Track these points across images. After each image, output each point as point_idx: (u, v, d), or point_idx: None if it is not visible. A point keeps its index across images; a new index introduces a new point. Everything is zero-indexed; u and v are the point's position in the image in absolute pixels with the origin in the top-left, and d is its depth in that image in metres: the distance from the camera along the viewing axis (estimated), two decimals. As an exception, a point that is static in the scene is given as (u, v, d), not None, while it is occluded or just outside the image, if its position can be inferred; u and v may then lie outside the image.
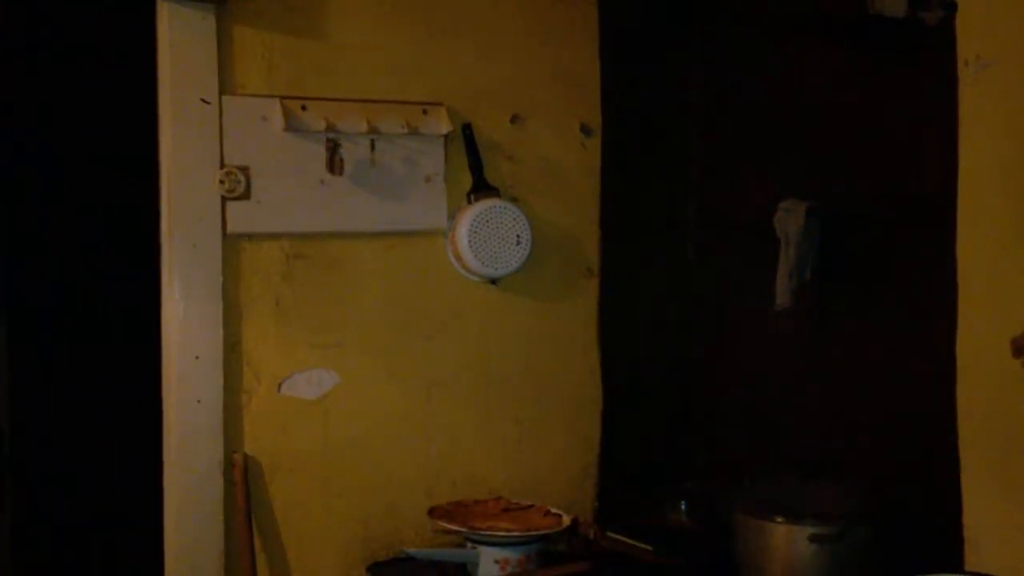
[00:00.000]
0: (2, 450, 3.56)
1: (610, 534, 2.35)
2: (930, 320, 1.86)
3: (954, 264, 1.81)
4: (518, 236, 2.46)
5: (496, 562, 2.20)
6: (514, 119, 2.57)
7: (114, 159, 3.61)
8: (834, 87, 2.07)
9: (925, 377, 1.88)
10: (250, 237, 2.27)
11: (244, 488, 2.22)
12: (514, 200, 2.53)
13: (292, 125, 2.28)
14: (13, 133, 3.62)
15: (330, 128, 2.32)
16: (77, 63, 3.67)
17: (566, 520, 2.29)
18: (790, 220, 1.97)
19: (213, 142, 2.25)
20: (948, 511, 1.82)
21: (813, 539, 1.84)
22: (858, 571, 1.85)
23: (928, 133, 1.87)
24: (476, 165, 2.50)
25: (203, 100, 2.26)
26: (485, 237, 2.43)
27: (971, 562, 1.77)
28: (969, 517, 1.79)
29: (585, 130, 2.64)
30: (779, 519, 1.89)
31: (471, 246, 2.42)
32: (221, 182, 2.23)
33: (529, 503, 2.39)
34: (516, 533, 2.21)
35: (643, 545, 2.26)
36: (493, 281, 2.53)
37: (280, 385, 2.30)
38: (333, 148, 2.34)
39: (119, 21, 2.96)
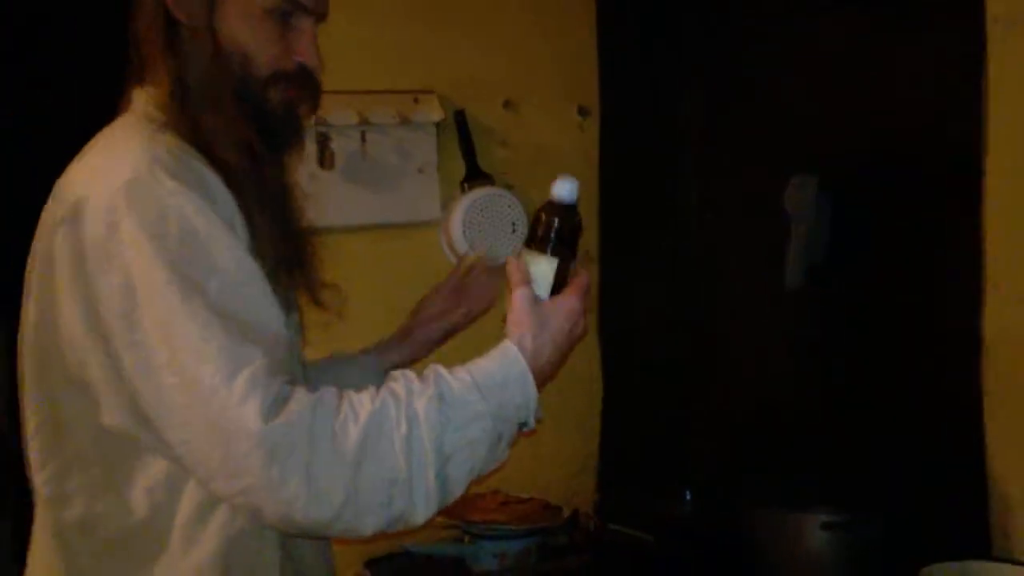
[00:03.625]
0: (3, 450, 3.49)
1: (611, 526, 2.32)
2: (952, 298, 1.81)
3: (980, 237, 1.75)
4: (514, 224, 2.44)
5: (495, 556, 2.16)
6: (508, 104, 2.55)
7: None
8: (849, 51, 2.00)
9: (946, 359, 1.83)
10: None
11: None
12: (509, 187, 2.50)
13: (281, 118, 2.24)
14: (14, 135, 3.57)
15: (319, 121, 2.27)
16: (65, 56, 3.63)
17: (566, 513, 2.26)
18: (800, 197, 1.93)
19: (201, 136, 2.21)
20: (971, 495, 1.77)
21: (825, 527, 1.81)
22: (871, 559, 1.81)
23: (953, 98, 1.80)
24: (469, 152, 2.47)
25: (191, 93, 2.22)
26: (480, 225, 2.41)
27: (999, 546, 1.72)
28: (996, 500, 1.74)
29: (582, 112, 2.61)
30: (790, 507, 1.86)
31: (465, 235, 2.41)
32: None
33: (528, 496, 2.34)
34: (515, 527, 2.17)
35: (646, 536, 2.23)
36: (491, 270, 2.50)
37: (272, 377, 2.25)
38: (323, 142, 2.31)
39: (107, 15, 2.91)
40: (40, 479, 1.29)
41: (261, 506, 1.15)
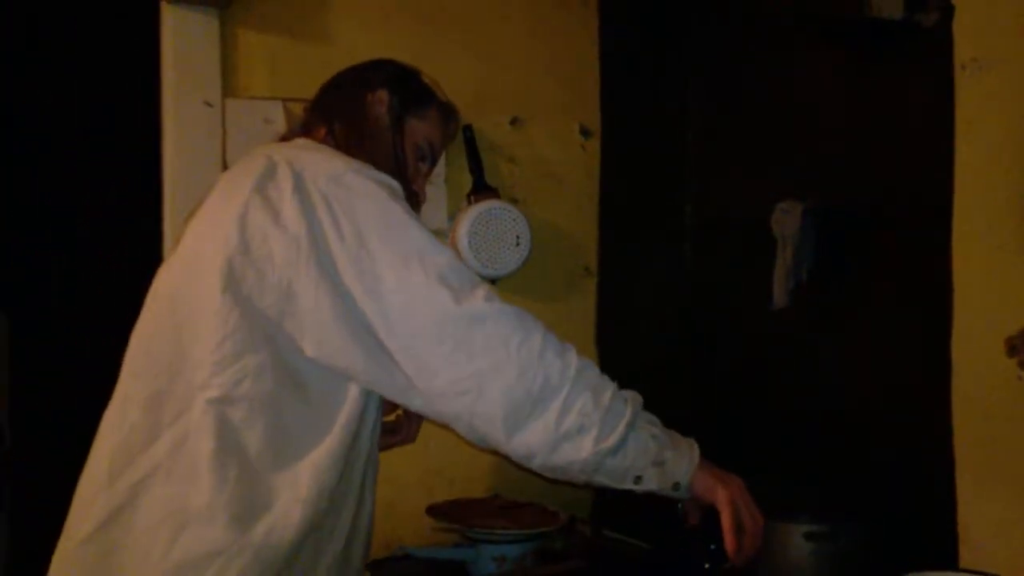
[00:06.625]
0: (2, 448, 3.57)
1: (607, 532, 2.36)
2: (925, 319, 1.87)
3: (949, 264, 1.82)
4: (517, 237, 2.47)
5: (494, 560, 2.20)
6: (515, 121, 2.60)
7: (117, 161, 3.63)
8: (832, 88, 2.08)
9: (920, 375, 1.89)
10: (252, 238, 2.28)
11: (244, 485, 2.22)
12: (514, 201, 2.55)
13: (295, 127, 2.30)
14: (16, 135, 3.64)
15: (333, 131, 2.33)
16: (80, 66, 3.69)
17: (563, 518, 2.28)
18: (787, 221, 1.99)
19: (216, 145, 2.26)
20: (943, 508, 1.83)
21: (808, 536, 1.85)
22: (853, 568, 1.85)
23: (925, 135, 1.87)
24: (476, 166, 2.52)
25: (206, 103, 2.28)
26: (484, 238, 2.45)
27: (965, 559, 1.78)
28: (963, 514, 1.80)
29: (584, 132, 2.66)
30: (774, 517, 1.90)
31: (470, 247, 2.44)
32: (224, 184, 2.25)
33: (527, 501, 2.39)
34: (514, 531, 2.20)
35: (639, 543, 2.27)
36: (492, 281, 2.54)
37: (281, 383, 2.30)
38: (335, 151, 2.36)
39: (122, 24, 2.98)
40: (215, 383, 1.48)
41: (490, 382, 1.43)
